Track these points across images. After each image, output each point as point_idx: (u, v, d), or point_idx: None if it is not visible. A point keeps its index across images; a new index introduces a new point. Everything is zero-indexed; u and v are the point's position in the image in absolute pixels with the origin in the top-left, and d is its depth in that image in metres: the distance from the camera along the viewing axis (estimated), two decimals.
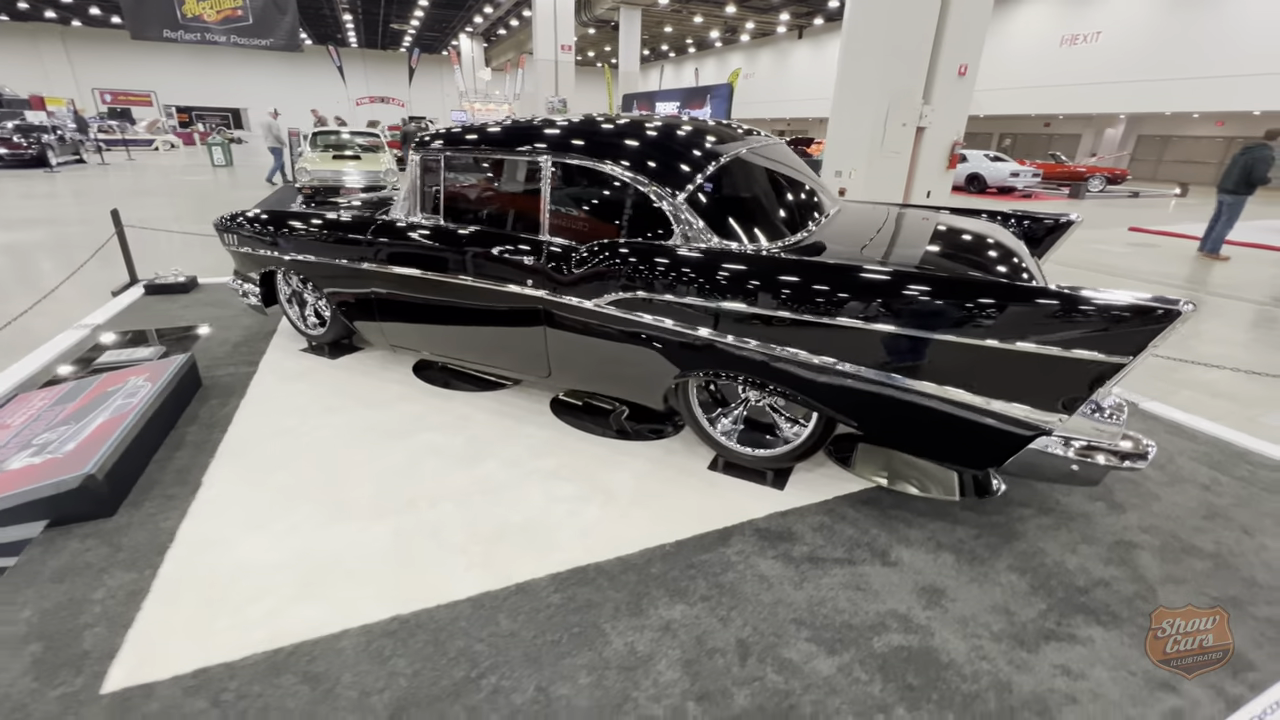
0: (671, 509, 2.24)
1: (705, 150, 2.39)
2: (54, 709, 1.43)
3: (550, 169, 2.49)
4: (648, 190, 2.32)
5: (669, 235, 2.30)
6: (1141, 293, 1.67)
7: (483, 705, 1.47)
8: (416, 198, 2.89)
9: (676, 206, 2.28)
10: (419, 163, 2.85)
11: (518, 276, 2.56)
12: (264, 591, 1.80)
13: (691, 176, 2.30)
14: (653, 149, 2.39)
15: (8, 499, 1.99)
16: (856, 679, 1.57)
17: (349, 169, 9.43)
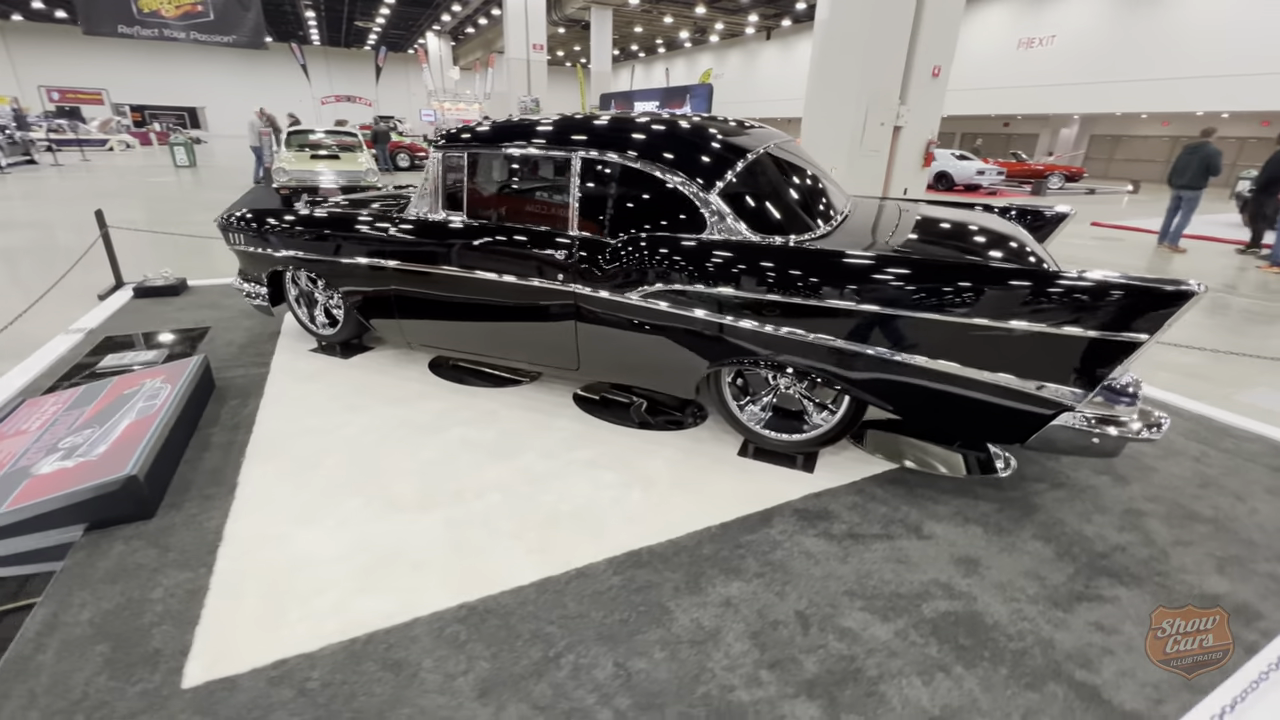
0: (711, 493, 2.32)
1: (735, 146, 2.48)
2: (137, 705, 1.43)
3: (580, 165, 2.54)
4: (681, 185, 2.39)
5: (701, 229, 2.38)
6: (1160, 276, 1.81)
7: (566, 682, 1.52)
8: (439, 195, 2.90)
9: (709, 201, 2.35)
10: (441, 160, 2.86)
11: (548, 272, 2.60)
12: (328, 584, 1.82)
13: (723, 172, 2.38)
14: (684, 146, 2.46)
15: (46, 503, 1.95)
16: (913, 642, 1.67)
17: (328, 168, 9.25)
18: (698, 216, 2.38)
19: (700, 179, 2.37)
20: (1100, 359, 1.89)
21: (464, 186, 2.83)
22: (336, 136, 10.73)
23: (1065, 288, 1.86)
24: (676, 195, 2.41)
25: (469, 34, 35.14)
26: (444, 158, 2.86)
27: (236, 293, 4.57)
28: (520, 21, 22.73)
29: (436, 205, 2.91)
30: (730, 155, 2.43)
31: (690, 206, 2.39)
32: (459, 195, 2.85)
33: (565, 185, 2.60)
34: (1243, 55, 17.20)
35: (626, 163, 2.47)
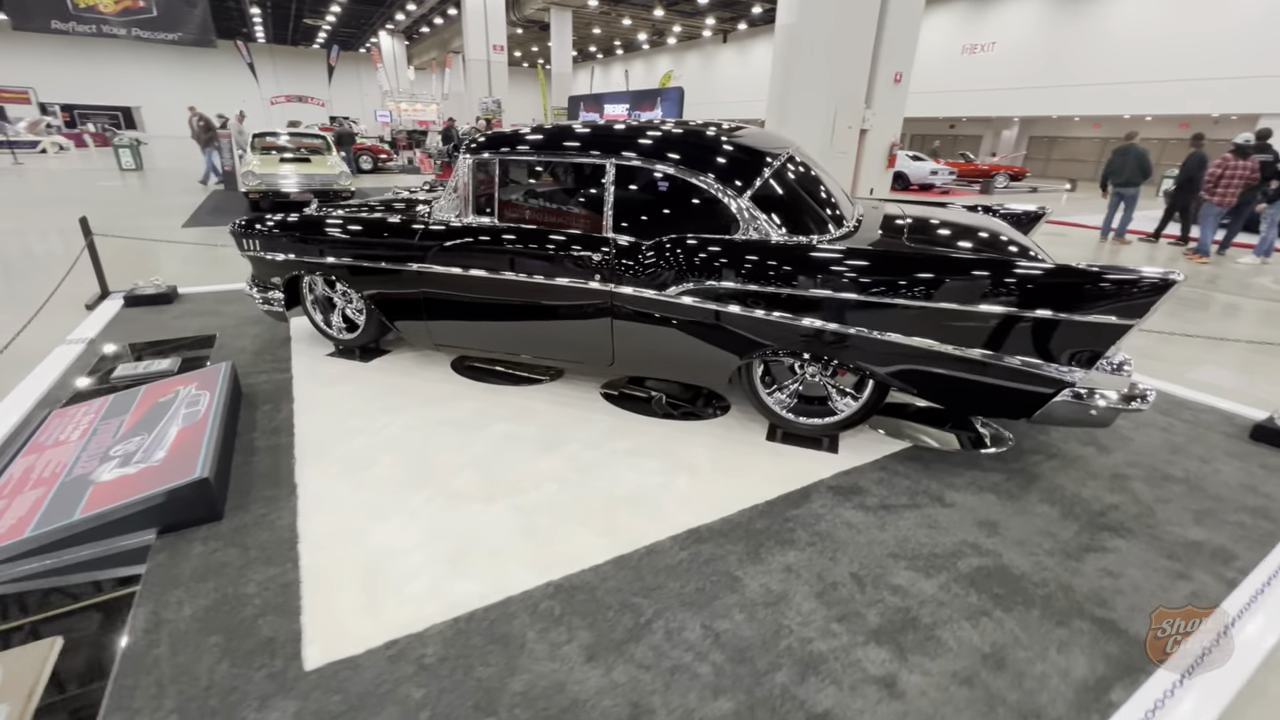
0: (751, 475, 2.50)
1: (761, 153, 2.67)
2: (267, 688, 1.51)
3: (615, 171, 2.69)
4: (714, 190, 2.57)
5: (734, 230, 2.56)
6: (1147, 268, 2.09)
7: (662, 644, 1.67)
8: (469, 199, 2.99)
9: (741, 204, 2.54)
10: (471, 166, 2.96)
11: (586, 272, 2.73)
12: (416, 571, 1.91)
13: (754, 177, 2.57)
14: (716, 152, 2.64)
15: (120, 508, 1.98)
16: (956, 594, 1.89)
17: (299, 172, 9.05)
18: (730, 219, 2.56)
19: (733, 183, 2.55)
20: (1097, 340, 2.16)
21: (496, 191, 2.93)
22: (302, 138, 10.47)
23: (1068, 278, 2.12)
24: (709, 199, 2.58)
25: (424, 33, 34.52)
26: (476, 163, 2.95)
27: (233, 300, 4.54)
28: (480, 22, 22.52)
29: (467, 209, 3.00)
30: (759, 161, 2.62)
31: (723, 209, 2.57)
32: (491, 199, 2.95)
33: (600, 190, 2.74)
34: (1163, 63, 18.57)
35: (662, 168, 2.63)
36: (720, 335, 2.61)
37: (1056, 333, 2.18)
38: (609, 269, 2.69)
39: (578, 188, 2.91)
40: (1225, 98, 17.78)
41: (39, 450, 2.39)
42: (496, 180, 2.92)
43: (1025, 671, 1.63)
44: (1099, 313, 2.11)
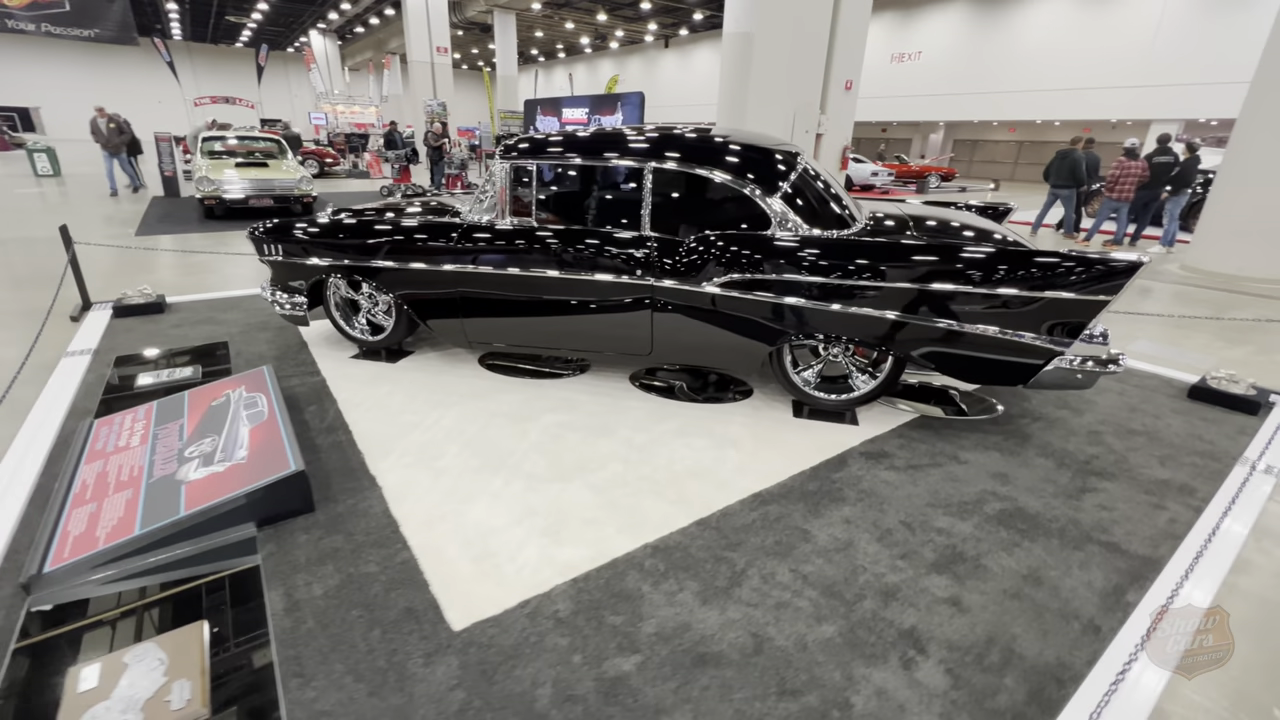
0: (790, 447, 2.78)
1: (786, 156, 2.95)
2: (425, 646, 1.65)
3: (653, 174, 2.91)
4: (747, 190, 2.83)
5: (766, 227, 2.83)
6: (1120, 252, 2.49)
7: (761, 586, 1.91)
8: (506, 201, 3.13)
9: (772, 203, 2.81)
10: (509, 169, 3.11)
11: (627, 269, 2.94)
12: (521, 543, 2.08)
13: (783, 178, 2.85)
14: (748, 156, 2.90)
15: (223, 504, 2.04)
16: (989, 531, 2.23)
17: (257, 177, 8.73)
18: (762, 217, 2.83)
19: (764, 184, 2.83)
20: (1082, 314, 2.55)
21: (534, 194, 3.09)
22: (254, 142, 10.09)
23: (1059, 264, 2.50)
24: (743, 198, 2.85)
25: (358, 34, 33.42)
26: (513, 167, 3.10)
27: (226, 308, 4.49)
28: (422, 24, 22.09)
29: (505, 211, 3.15)
30: (785, 164, 2.91)
31: (756, 208, 2.83)
32: (529, 202, 3.11)
33: (638, 191, 2.95)
34: (1068, 72, 20.38)
35: (698, 171, 2.88)
36: (755, 323, 2.87)
37: (1050, 309, 2.56)
38: (650, 265, 2.90)
39: (615, 190, 3.10)
40: (1121, 105, 19.69)
41: (102, 457, 2.38)
42: (535, 183, 3.09)
43: (1058, 585, 1.97)
44: (1085, 291, 2.50)
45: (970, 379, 2.85)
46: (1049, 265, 2.51)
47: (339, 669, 1.58)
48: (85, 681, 1.49)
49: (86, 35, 15.51)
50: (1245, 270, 6.60)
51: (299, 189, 8.90)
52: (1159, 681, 1.61)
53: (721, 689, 1.56)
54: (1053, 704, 1.55)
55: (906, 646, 1.71)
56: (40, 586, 1.79)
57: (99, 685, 1.49)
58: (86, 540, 1.92)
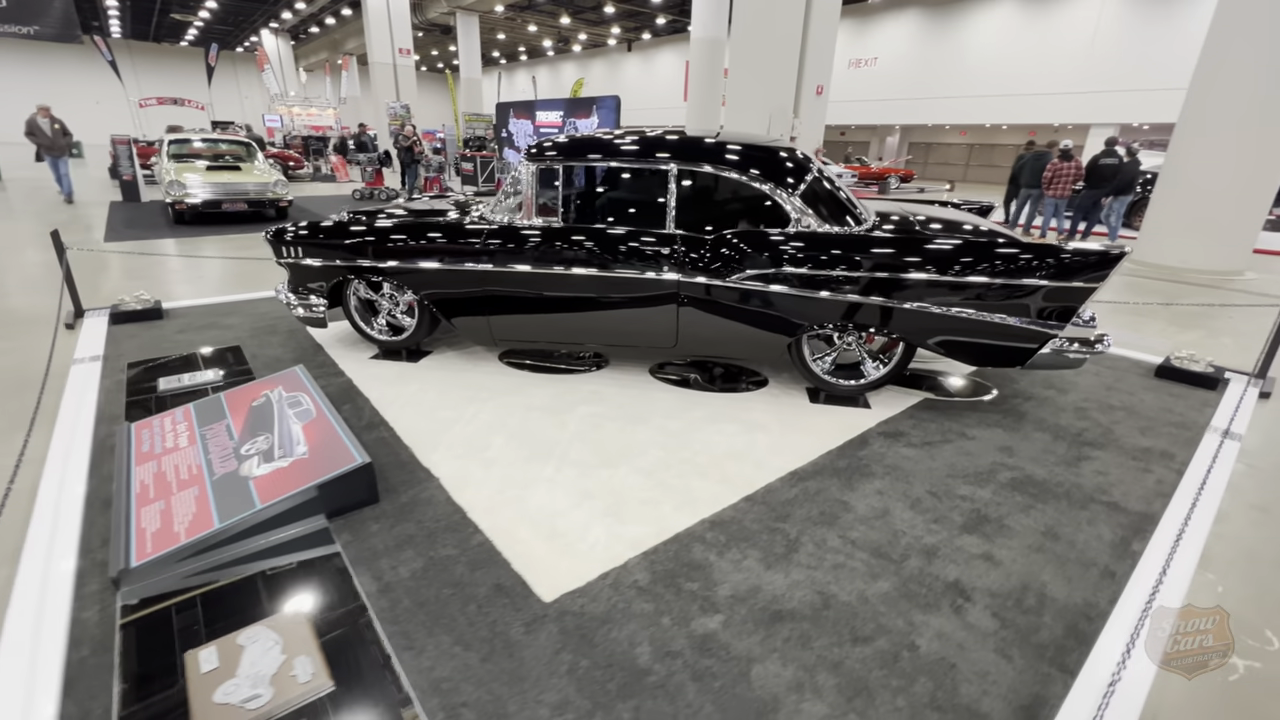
0: (815, 429, 2.97)
1: (800, 158, 3.15)
2: (526, 615, 1.76)
3: (677, 174, 3.07)
4: (768, 190, 3.02)
5: (785, 224, 3.02)
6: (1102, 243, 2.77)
7: (816, 551, 2.09)
8: (533, 202, 3.24)
9: (792, 201, 3.01)
10: (535, 170, 3.22)
11: (654, 265, 3.08)
12: (586, 523, 2.20)
13: (801, 178, 3.05)
14: (768, 159, 3.09)
15: (297, 496, 2.09)
16: (1005, 496, 2.46)
17: (230, 181, 8.51)
18: (781, 215, 3.02)
19: (784, 183, 3.02)
20: (1073, 300, 2.82)
21: (560, 193, 3.21)
22: (222, 144, 9.81)
23: (1054, 254, 2.77)
24: (763, 197, 3.03)
25: (312, 34, 32.54)
26: (539, 169, 3.21)
27: (227, 313, 4.46)
28: (383, 24, 21.71)
29: (531, 211, 3.25)
30: (801, 164, 3.10)
31: (775, 207, 3.02)
32: (554, 201, 3.22)
33: (663, 191, 3.10)
34: (1013, 79, 21.49)
35: (721, 172, 3.05)
36: (778, 315, 3.06)
37: (1046, 296, 2.82)
38: (677, 261, 3.06)
39: (642, 190, 3.23)
40: (1062, 109, 20.87)
41: (152, 458, 2.39)
42: (561, 184, 3.20)
43: (1073, 539, 2.21)
44: (1077, 279, 2.77)
45: (975, 362, 3.10)
46: (1045, 256, 2.77)
47: (446, 640, 1.68)
48: (206, 663, 1.55)
49: (25, 32, 14.74)
50: (1188, 263, 7.18)
51: (273, 192, 8.72)
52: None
53: (801, 639, 1.72)
54: (1087, 636, 1.76)
55: (954, 596, 1.91)
56: (129, 580, 1.82)
57: (221, 665, 1.55)
58: (166, 535, 1.95)
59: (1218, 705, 1.61)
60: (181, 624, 1.70)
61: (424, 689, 1.53)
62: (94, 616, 1.72)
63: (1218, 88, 7.01)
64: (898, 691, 1.57)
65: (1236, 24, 6.82)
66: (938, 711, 1.52)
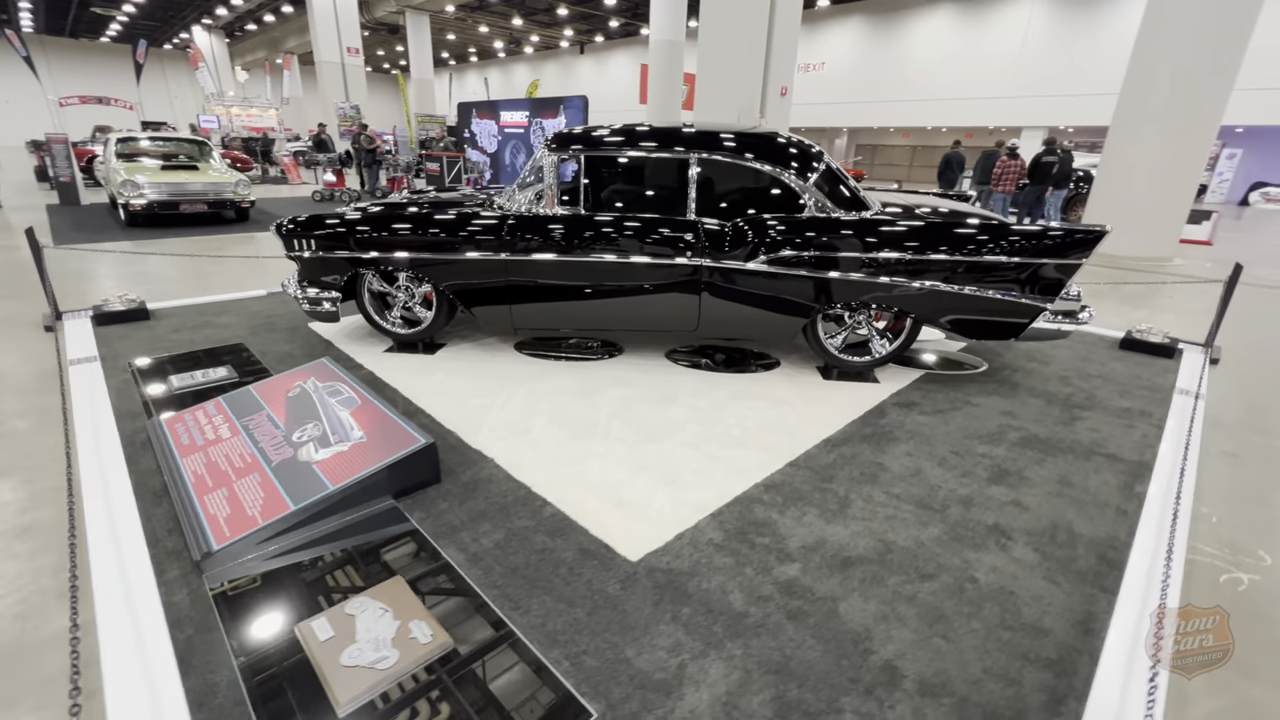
0: (835, 403, 3.15)
1: (812, 148, 3.33)
2: (615, 575, 1.84)
3: (698, 163, 3.19)
4: (786, 177, 3.18)
5: (801, 210, 3.20)
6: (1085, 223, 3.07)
7: (865, 506, 2.25)
8: (554, 191, 3.31)
9: (808, 188, 3.18)
10: (555, 161, 3.28)
11: (678, 250, 3.20)
12: (649, 491, 2.29)
13: (814, 165, 3.23)
14: (784, 148, 3.25)
15: (364, 479, 2.10)
16: (1018, 452, 2.69)
17: (188, 180, 8.13)
18: (797, 201, 3.20)
19: (801, 172, 3.19)
20: (1062, 274, 3.11)
21: (582, 182, 3.29)
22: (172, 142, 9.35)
23: (1044, 234, 3.04)
24: (781, 184, 3.19)
25: (249, 31, 31.17)
26: (560, 158, 3.28)
27: (217, 312, 4.34)
28: (330, 22, 21.06)
29: (554, 200, 3.31)
30: (814, 154, 3.28)
31: (791, 193, 3.19)
32: (576, 191, 3.30)
33: (684, 180, 3.22)
34: (951, 84, 22.70)
35: (740, 161, 3.19)
36: (797, 296, 3.23)
37: (1038, 272, 3.09)
38: (699, 247, 3.19)
39: (664, 179, 3.33)
40: (995, 113, 22.16)
41: (197, 450, 2.34)
42: (582, 173, 3.28)
43: (1084, 485, 2.45)
44: (1065, 256, 3.05)
45: (976, 336, 3.34)
46: (1037, 236, 3.04)
47: (548, 600, 1.74)
48: (321, 632, 1.57)
49: None
50: (1126, 250, 7.82)
51: (236, 193, 8.37)
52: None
53: (874, 579, 1.87)
54: (1117, 562, 1.98)
55: (997, 536, 2.10)
56: (212, 564, 1.81)
57: (337, 634, 1.57)
58: (241, 519, 1.94)
59: (1233, 609, 1.84)
60: (280, 599, 1.71)
61: (542, 642, 1.59)
62: (185, 599, 1.70)
63: (1143, 96, 7.69)
64: (970, 616, 1.74)
65: (1160, 37, 7.49)
66: (1009, 630, 1.69)
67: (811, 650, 1.60)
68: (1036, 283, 3.12)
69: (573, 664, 1.53)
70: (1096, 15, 19.38)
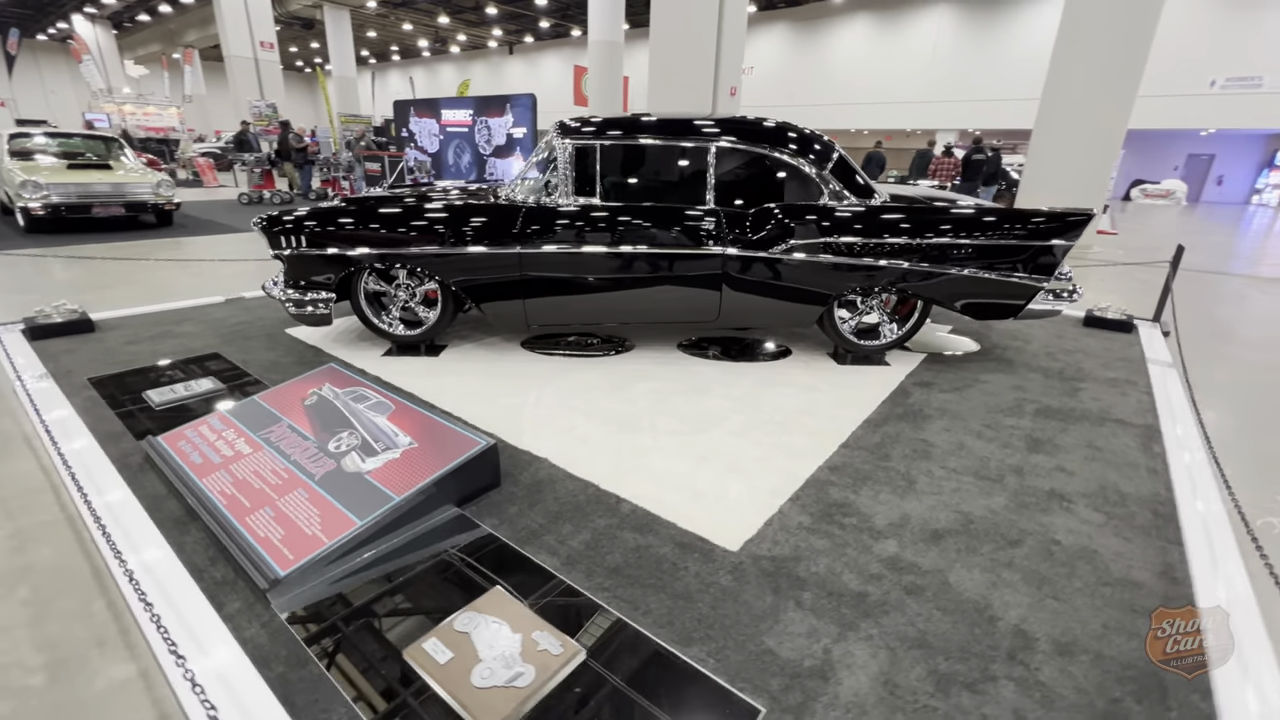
0: (858, 386, 3.21)
1: (824, 137, 3.37)
2: (721, 566, 1.78)
3: (716, 152, 3.17)
4: (803, 166, 3.21)
5: (818, 198, 3.24)
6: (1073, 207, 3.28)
7: (929, 481, 2.29)
8: (570, 181, 3.19)
9: (825, 177, 3.23)
10: (572, 149, 3.17)
11: (700, 240, 3.16)
12: (720, 481, 2.24)
13: (830, 154, 3.28)
14: (800, 137, 3.27)
15: (428, 486, 1.93)
16: (1042, 422, 2.83)
17: (99, 180, 7.29)
18: (813, 189, 3.24)
19: (818, 160, 3.23)
20: (1056, 256, 3.31)
21: (598, 172, 3.19)
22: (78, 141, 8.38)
23: (1043, 218, 3.22)
24: (798, 172, 3.22)
25: (141, 22, 28.54)
26: (575, 147, 3.16)
27: (175, 320, 3.95)
28: (240, 15, 19.62)
29: (569, 189, 3.19)
30: (827, 141, 3.33)
31: (809, 181, 3.23)
32: (591, 180, 3.19)
33: (703, 169, 3.19)
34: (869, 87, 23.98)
35: (759, 150, 3.19)
36: (817, 283, 3.26)
37: (1036, 254, 3.27)
38: (721, 236, 3.16)
39: (683, 168, 3.26)
40: (911, 117, 23.60)
41: (217, 468, 2.08)
42: (598, 163, 3.18)
43: (1110, 448, 2.60)
44: (1059, 238, 3.25)
45: (982, 316, 3.49)
46: (1034, 219, 3.22)
47: (664, 597, 1.65)
48: (437, 654, 1.42)
49: None
50: None
51: (158, 194, 7.60)
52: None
53: (968, 549, 1.90)
54: (1170, 514, 2.11)
55: (1058, 500, 2.19)
56: (281, 591, 1.59)
57: (456, 655, 1.42)
58: (300, 540, 1.72)
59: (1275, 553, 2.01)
60: (369, 622, 1.53)
61: (675, 640, 1.51)
62: (260, 634, 1.49)
63: (1062, 101, 8.39)
64: (1068, 576, 1.80)
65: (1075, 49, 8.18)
66: (1108, 586, 1.76)
67: (941, 622, 1.60)
68: (1036, 263, 3.30)
69: (718, 660, 1.46)
70: (999, 26, 21.01)
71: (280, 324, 3.96)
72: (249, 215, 3.01)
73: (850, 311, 3.54)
